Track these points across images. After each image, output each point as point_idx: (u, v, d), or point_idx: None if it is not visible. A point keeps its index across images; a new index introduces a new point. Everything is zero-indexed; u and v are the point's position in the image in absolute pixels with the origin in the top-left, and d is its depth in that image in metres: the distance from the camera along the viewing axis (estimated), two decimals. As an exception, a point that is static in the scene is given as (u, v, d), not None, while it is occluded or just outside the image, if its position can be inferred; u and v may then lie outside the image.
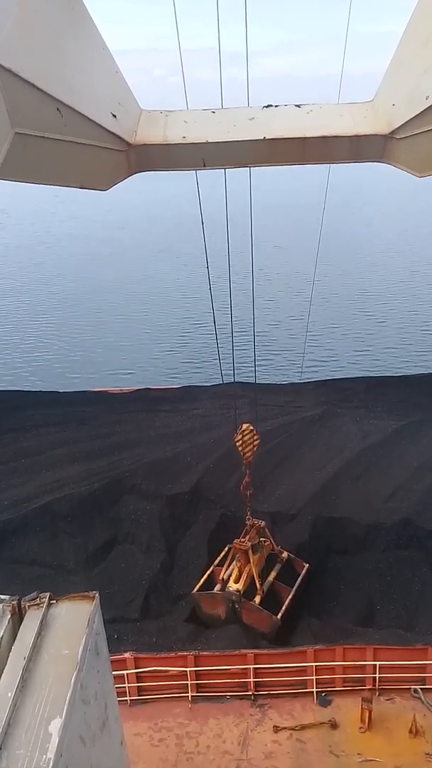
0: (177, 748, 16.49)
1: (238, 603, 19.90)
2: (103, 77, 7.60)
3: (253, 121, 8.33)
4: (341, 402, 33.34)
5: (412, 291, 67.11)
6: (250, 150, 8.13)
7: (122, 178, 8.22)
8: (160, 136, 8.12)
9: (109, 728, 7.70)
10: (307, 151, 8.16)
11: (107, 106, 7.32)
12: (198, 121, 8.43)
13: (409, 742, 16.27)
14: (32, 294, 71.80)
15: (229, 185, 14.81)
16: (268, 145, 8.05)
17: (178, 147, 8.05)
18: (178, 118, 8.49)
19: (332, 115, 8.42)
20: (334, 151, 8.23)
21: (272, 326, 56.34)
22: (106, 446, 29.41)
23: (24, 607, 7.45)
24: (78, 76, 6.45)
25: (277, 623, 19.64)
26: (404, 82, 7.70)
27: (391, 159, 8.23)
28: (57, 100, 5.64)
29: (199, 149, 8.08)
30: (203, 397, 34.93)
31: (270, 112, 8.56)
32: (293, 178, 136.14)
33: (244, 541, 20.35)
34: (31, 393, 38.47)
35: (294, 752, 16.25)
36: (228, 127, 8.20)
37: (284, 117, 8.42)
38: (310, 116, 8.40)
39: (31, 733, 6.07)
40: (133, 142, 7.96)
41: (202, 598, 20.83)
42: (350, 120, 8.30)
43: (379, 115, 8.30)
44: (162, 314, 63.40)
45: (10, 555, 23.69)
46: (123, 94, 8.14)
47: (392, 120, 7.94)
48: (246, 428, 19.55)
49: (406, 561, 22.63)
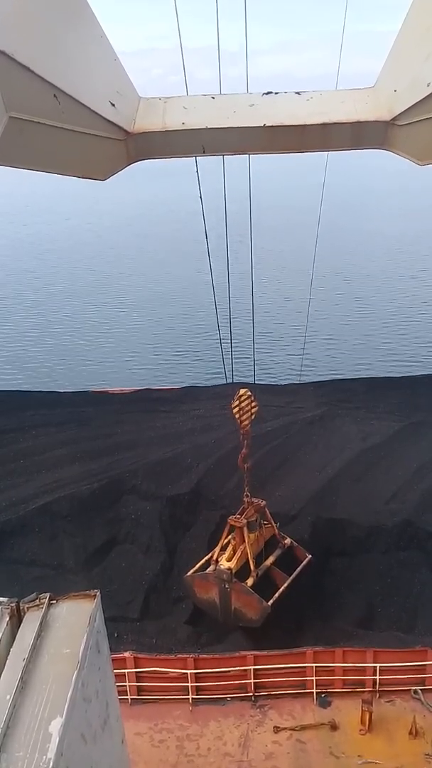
0: (177, 750, 16.47)
1: (229, 583, 19.01)
2: (102, 65, 7.51)
3: (253, 107, 8.25)
4: (341, 403, 33.33)
5: (413, 291, 67.14)
6: (250, 137, 8.06)
7: (121, 168, 8.13)
8: (159, 123, 8.05)
9: (110, 726, 7.67)
10: (308, 139, 8.07)
11: (106, 95, 7.24)
12: (197, 107, 8.35)
13: (410, 743, 16.25)
14: (32, 294, 71.82)
15: (229, 184, 14.82)
16: (268, 132, 7.97)
17: (177, 133, 7.96)
18: (178, 104, 8.41)
19: (333, 101, 8.32)
20: (334, 138, 8.13)
21: (274, 326, 56.38)
22: (107, 446, 29.38)
23: (23, 609, 7.41)
24: (75, 63, 6.38)
25: (266, 610, 18.81)
26: (406, 67, 7.60)
27: (392, 146, 8.13)
28: (53, 86, 5.58)
29: (198, 135, 8.00)
30: (204, 398, 34.93)
31: (270, 99, 8.47)
32: (292, 178, 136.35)
33: (240, 518, 19.50)
34: (31, 393, 38.46)
35: (294, 753, 16.23)
36: (228, 113, 8.12)
37: (284, 104, 8.33)
38: (310, 103, 8.30)
39: (30, 734, 6.03)
40: (132, 131, 7.87)
41: (195, 580, 20.09)
42: (351, 106, 8.20)
43: (381, 101, 8.20)
44: (162, 314, 63.41)
45: (10, 555, 23.65)
46: (121, 83, 8.05)
47: (393, 106, 7.83)
48: (243, 393, 18.73)
49: (407, 563, 22.59)
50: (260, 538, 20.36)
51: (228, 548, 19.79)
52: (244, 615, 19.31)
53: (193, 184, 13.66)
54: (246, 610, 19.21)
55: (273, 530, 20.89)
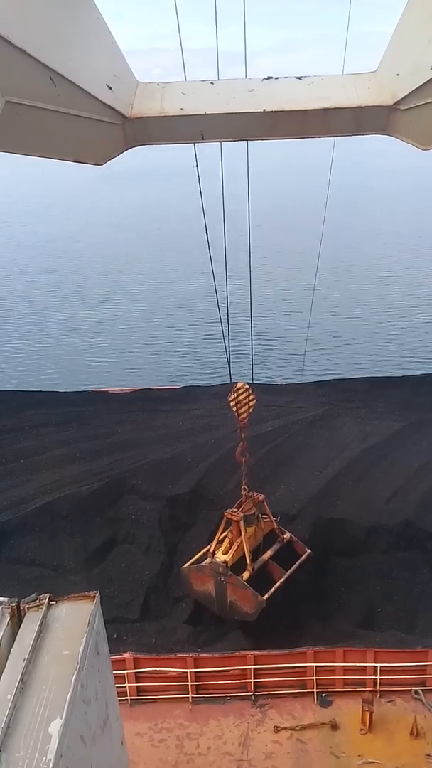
0: (177, 750, 16.46)
1: (224, 576, 19.04)
2: (99, 48, 7.33)
3: (253, 93, 8.06)
4: (342, 402, 33.30)
5: (414, 290, 67.10)
6: (250, 122, 7.88)
7: (118, 153, 7.99)
8: (157, 108, 7.88)
9: (109, 727, 7.68)
10: (309, 124, 7.89)
11: (103, 78, 7.09)
12: (196, 93, 8.15)
13: (410, 743, 16.24)
14: (31, 292, 71.80)
15: (228, 184, 14.81)
16: (268, 117, 7.80)
17: (176, 119, 7.80)
18: (176, 90, 8.21)
19: (334, 86, 8.13)
20: (336, 124, 7.95)
21: (274, 327, 56.36)
22: (106, 446, 29.36)
23: (23, 609, 7.42)
24: (72, 46, 6.23)
25: (261, 604, 18.76)
26: (409, 51, 7.41)
27: (395, 131, 7.96)
28: (50, 69, 5.45)
29: (197, 121, 7.83)
30: (204, 398, 34.89)
31: (270, 84, 8.28)
32: (291, 178, 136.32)
33: (236, 511, 19.48)
34: (31, 393, 38.43)
35: (294, 753, 16.22)
36: (227, 99, 7.94)
37: (285, 89, 8.13)
38: (311, 88, 8.10)
39: (30, 734, 6.03)
40: (130, 115, 7.73)
41: (191, 572, 20.08)
42: (353, 91, 8.01)
43: (383, 85, 8.00)
44: (162, 314, 63.38)
45: (9, 555, 23.63)
46: (119, 66, 7.87)
47: (396, 91, 7.65)
48: (241, 386, 18.74)
49: (407, 563, 22.57)
50: (258, 532, 20.32)
51: (225, 541, 19.79)
52: (240, 608, 19.30)
53: (192, 185, 13.65)
54: (241, 603, 19.20)
55: (272, 524, 20.86)
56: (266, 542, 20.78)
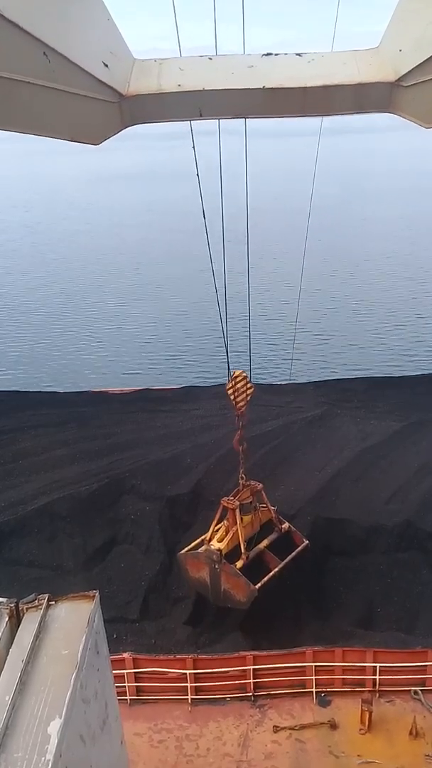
0: (177, 751, 16.45)
1: (218, 564, 19.04)
2: (94, 23, 7.10)
3: (252, 69, 7.85)
4: (341, 402, 33.31)
5: (414, 290, 67.11)
6: (249, 99, 7.69)
7: (115, 132, 7.80)
8: (155, 85, 7.70)
9: (109, 727, 7.68)
10: (309, 101, 7.69)
11: (99, 55, 6.88)
12: (194, 68, 7.96)
13: (410, 743, 16.23)
14: (31, 292, 71.80)
15: (227, 184, 14.80)
16: (267, 94, 7.60)
17: (173, 96, 7.63)
18: (173, 65, 8.03)
19: (335, 63, 7.92)
20: (337, 101, 7.75)
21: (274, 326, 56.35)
22: (106, 446, 29.35)
23: (22, 610, 7.41)
24: (67, 21, 6.02)
25: (253, 593, 18.74)
26: (412, 25, 7.17)
27: (397, 108, 7.73)
28: (43, 44, 5.24)
29: (195, 97, 7.66)
30: (204, 398, 34.89)
31: (270, 60, 8.06)
32: (291, 178, 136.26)
33: (232, 500, 19.45)
34: (31, 393, 38.43)
35: (293, 752, 16.22)
36: (226, 75, 7.75)
37: (284, 66, 7.92)
38: (311, 65, 7.89)
39: (29, 734, 6.03)
40: (126, 93, 7.57)
41: (187, 558, 20.12)
42: (354, 68, 7.79)
43: (385, 62, 7.77)
44: (162, 314, 63.38)
45: (9, 556, 23.62)
46: (115, 43, 7.64)
47: (399, 67, 7.41)
48: (238, 374, 18.79)
49: (407, 563, 22.56)
50: (255, 521, 20.29)
51: (220, 529, 19.77)
52: (233, 597, 19.30)
53: (191, 184, 13.62)
54: (234, 591, 19.20)
55: (270, 514, 20.82)
56: (265, 532, 20.75)
